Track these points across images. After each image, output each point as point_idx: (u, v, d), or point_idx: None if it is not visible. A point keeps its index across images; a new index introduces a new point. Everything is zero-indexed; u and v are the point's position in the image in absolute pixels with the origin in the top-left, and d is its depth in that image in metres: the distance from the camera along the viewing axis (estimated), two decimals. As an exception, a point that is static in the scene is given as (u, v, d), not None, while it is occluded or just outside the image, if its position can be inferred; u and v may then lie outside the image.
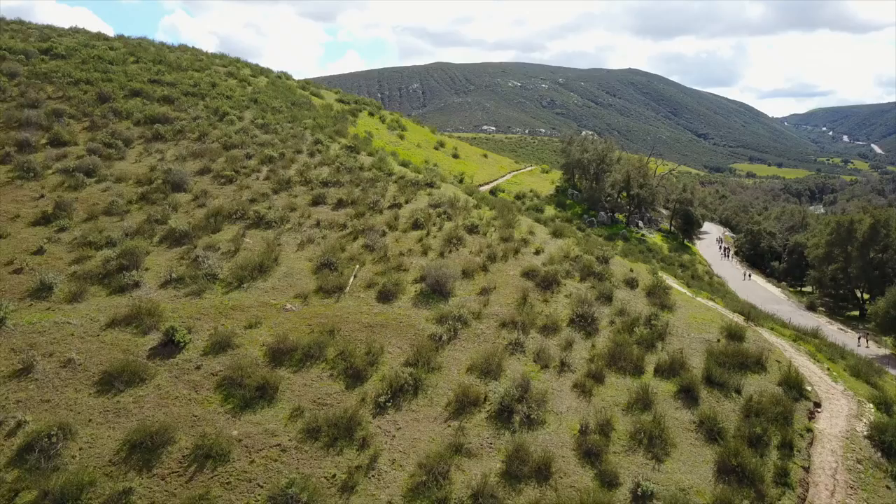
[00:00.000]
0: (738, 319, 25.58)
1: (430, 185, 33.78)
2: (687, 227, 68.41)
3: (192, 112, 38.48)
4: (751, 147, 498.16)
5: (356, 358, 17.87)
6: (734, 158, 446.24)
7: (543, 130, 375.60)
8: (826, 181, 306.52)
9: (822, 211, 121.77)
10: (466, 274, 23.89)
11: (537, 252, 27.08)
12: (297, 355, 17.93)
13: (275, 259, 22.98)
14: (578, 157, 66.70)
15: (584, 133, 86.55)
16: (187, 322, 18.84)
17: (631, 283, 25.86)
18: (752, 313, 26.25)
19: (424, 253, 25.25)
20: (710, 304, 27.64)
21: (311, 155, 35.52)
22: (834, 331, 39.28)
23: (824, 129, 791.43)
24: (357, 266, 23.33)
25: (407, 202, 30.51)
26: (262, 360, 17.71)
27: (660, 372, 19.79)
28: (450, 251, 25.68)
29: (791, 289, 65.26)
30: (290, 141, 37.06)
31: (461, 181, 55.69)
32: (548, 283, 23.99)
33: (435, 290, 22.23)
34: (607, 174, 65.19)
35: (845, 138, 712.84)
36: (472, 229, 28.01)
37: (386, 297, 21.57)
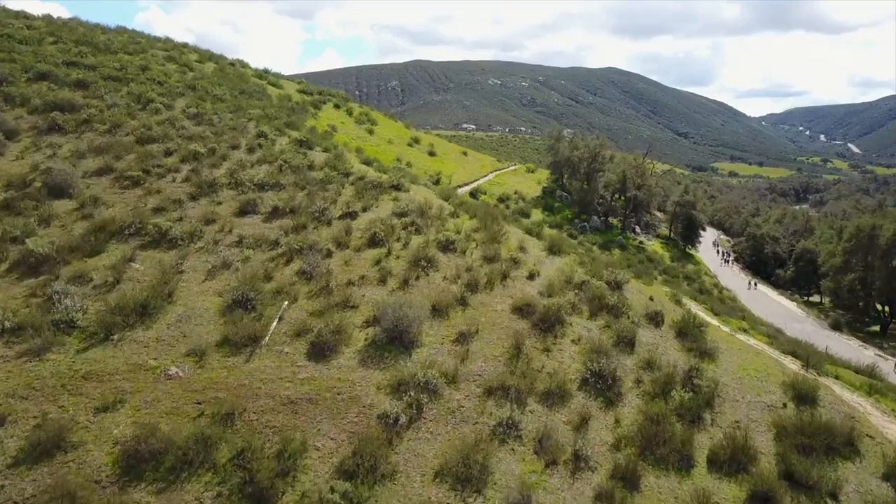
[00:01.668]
0: (795, 366, 19.57)
1: (397, 187, 27.33)
2: (689, 233, 62.35)
3: (109, 99, 31.62)
4: (731, 146, 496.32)
5: (261, 463, 11.43)
6: (715, 157, 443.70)
7: (524, 129, 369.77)
8: (810, 180, 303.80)
9: (813, 212, 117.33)
10: (438, 311, 17.52)
11: (531, 276, 20.80)
12: (167, 461, 11.45)
13: (169, 294, 16.42)
14: (568, 155, 60.36)
15: (565, 132, 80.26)
16: (5, 404, 12.26)
17: (654, 319, 19.69)
18: (809, 357, 20.20)
19: (382, 281, 18.82)
20: (754, 342, 21.57)
21: (251, 151, 28.89)
22: (871, 357, 33.63)
23: (801, 128, 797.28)
24: (284, 303, 16.84)
25: (365, 210, 24.07)
26: (109, 470, 11.21)
27: (717, 464, 13.66)
28: (417, 277, 19.29)
29: (799, 298, 59.71)
30: (226, 134, 30.38)
31: (437, 182, 49.32)
32: (549, 323, 17.70)
33: (393, 339, 15.83)
34: (600, 174, 59.07)
35: (822, 138, 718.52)
36: (447, 246, 21.65)
37: (321, 351, 15.11)
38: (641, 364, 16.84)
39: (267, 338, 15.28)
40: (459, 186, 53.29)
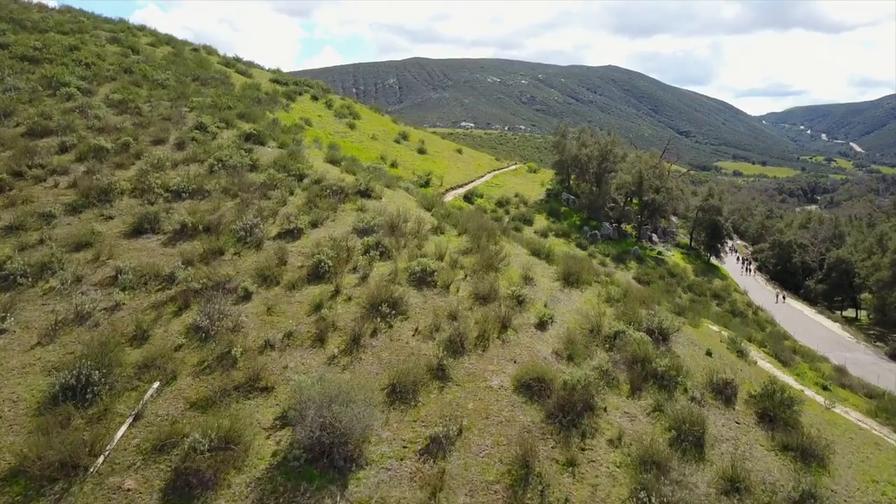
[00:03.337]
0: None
1: (365, 193, 21.08)
2: (714, 242, 55.67)
3: (10, 81, 25.32)
4: (733, 145, 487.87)
5: None
6: (718, 157, 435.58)
7: (523, 127, 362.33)
8: (817, 180, 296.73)
9: (827, 214, 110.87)
10: (401, 394, 11.28)
11: (542, 324, 14.54)
12: None
13: (-43, 377, 10.12)
14: (575, 154, 53.76)
15: (570, 128, 72.84)
16: None
17: (723, 392, 13.45)
18: (949, 446, 13.90)
19: (320, 340, 12.54)
20: (855, 417, 15.32)
21: (180, 146, 22.63)
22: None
23: (802, 127, 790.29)
24: (153, 387, 10.56)
25: (315, 225, 17.79)
26: None
27: None
28: (373, 332, 13.02)
29: (839, 316, 53.30)
30: (155, 126, 24.11)
31: (426, 184, 43.10)
32: (572, 413, 11.43)
33: (318, 456, 9.55)
34: (611, 175, 52.55)
35: (823, 136, 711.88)
36: (423, 278, 15.39)
37: (188, 485, 8.83)
38: (721, 484, 10.58)
39: (100, 460, 9.00)
40: (452, 188, 47.05)
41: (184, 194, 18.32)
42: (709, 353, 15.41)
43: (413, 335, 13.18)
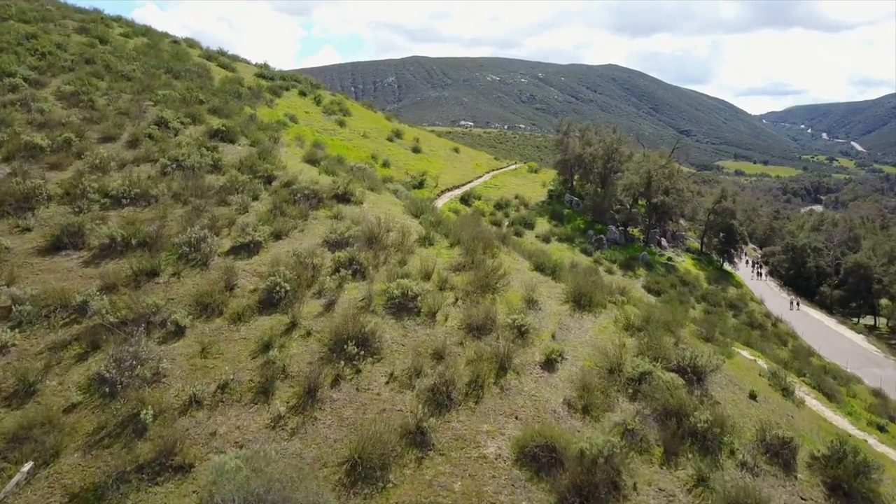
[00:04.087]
0: None
1: (343, 198, 18.26)
2: (727, 247, 52.66)
3: (-54, 72, 22.53)
4: (734, 144, 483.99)
5: None
6: (719, 156, 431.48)
7: (523, 126, 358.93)
8: (820, 180, 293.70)
9: (837, 215, 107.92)
10: (365, 473, 8.46)
11: (549, 362, 11.74)
12: None
13: None
14: (579, 153, 50.86)
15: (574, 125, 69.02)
16: None
17: (779, 453, 10.66)
18: None
19: (263, 393, 9.72)
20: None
21: (133, 144, 19.82)
22: None
23: (802, 126, 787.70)
24: (23, 469, 7.71)
25: (278, 237, 14.98)
26: None
27: None
28: (335, 381, 10.21)
29: (862, 326, 50.35)
30: (109, 120, 21.32)
31: (420, 185, 40.32)
32: (592, 498, 8.60)
33: (239, 577, 6.71)
34: (617, 175, 49.64)
35: (824, 136, 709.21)
36: (403, 304, 12.58)
37: None
38: None
39: None
40: (448, 190, 44.20)
41: (124, 200, 15.50)
42: (753, 397, 12.60)
43: (387, 383, 10.38)
